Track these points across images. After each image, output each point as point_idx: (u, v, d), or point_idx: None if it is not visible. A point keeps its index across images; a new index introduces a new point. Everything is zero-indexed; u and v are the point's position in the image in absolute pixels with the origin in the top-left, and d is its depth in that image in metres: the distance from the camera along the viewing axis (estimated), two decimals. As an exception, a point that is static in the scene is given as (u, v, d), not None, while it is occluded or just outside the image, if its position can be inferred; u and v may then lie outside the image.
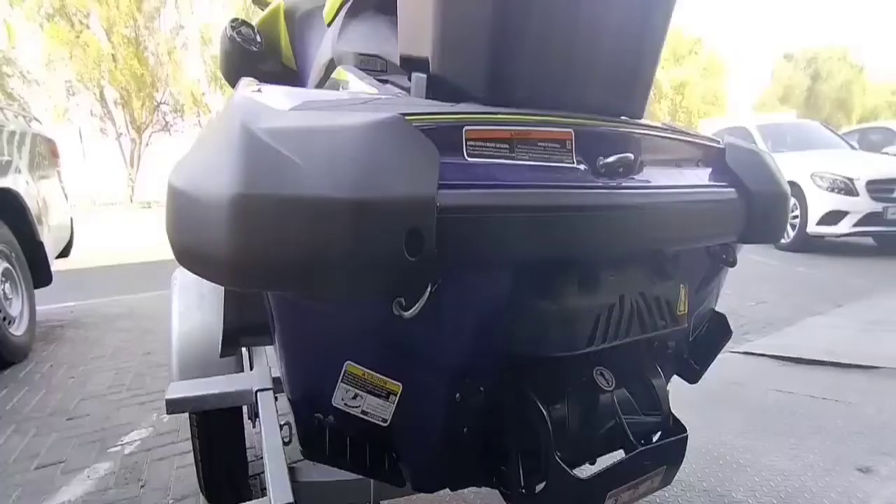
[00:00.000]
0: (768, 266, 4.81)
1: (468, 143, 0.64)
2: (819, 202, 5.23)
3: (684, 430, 0.86)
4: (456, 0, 0.72)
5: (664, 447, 0.83)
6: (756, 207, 0.91)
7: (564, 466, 0.73)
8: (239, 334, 1.05)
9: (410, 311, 0.61)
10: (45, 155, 3.48)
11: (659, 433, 0.86)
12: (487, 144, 0.66)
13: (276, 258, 0.51)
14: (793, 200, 5.49)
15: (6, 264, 2.82)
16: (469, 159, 0.64)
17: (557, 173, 0.71)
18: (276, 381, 1.22)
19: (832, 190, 5.20)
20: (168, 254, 0.58)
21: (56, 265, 3.38)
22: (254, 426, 1.41)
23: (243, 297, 0.95)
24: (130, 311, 3.75)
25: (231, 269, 0.52)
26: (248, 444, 1.52)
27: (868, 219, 5.04)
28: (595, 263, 0.76)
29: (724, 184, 0.92)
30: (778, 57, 34.97)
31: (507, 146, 0.67)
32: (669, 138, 0.89)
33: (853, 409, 1.82)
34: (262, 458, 0.98)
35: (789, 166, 5.13)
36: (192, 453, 1.42)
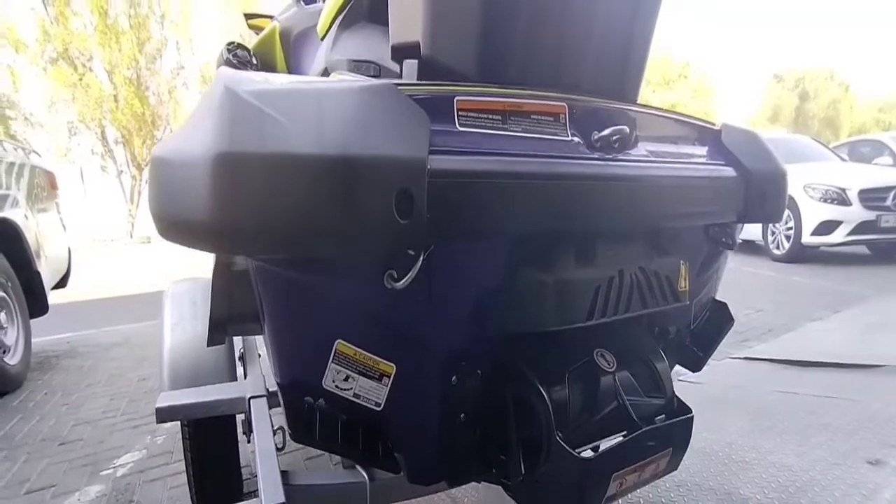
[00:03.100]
0: (764, 276, 4.80)
1: (459, 113, 0.64)
2: (812, 213, 5.25)
3: (690, 411, 0.84)
4: None
5: (669, 427, 0.81)
6: (754, 186, 0.90)
7: (566, 446, 0.71)
8: (226, 322, 1.03)
9: (402, 281, 0.60)
10: (44, 186, 3.51)
11: (663, 416, 0.84)
12: (479, 115, 0.66)
13: (261, 218, 0.50)
14: (787, 212, 5.54)
15: (2, 293, 2.81)
16: (461, 129, 0.64)
17: (551, 146, 0.70)
18: (272, 395, 1.19)
19: (825, 200, 5.23)
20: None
21: (53, 298, 3.35)
22: (248, 441, 1.39)
23: (230, 283, 0.94)
24: (126, 339, 3.71)
25: (215, 231, 0.51)
26: (242, 463, 1.48)
27: (862, 227, 5.06)
28: (592, 235, 0.75)
29: (721, 163, 0.91)
30: (767, 78, 35.70)
31: (500, 117, 0.67)
32: (665, 118, 0.89)
33: (858, 405, 1.78)
34: (256, 476, 0.95)
35: (781, 178, 5.16)
36: (185, 473, 1.38)
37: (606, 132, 0.72)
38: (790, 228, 5.45)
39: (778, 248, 5.62)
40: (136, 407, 2.39)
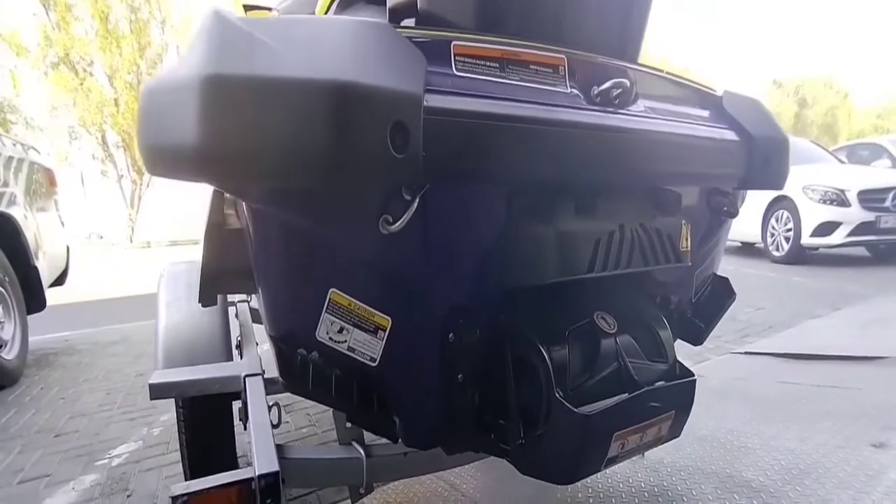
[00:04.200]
0: (764, 277, 4.79)
1: (457, 57, 0.64)
2: (812, 214, 5.25)
3: (692, 374, 0.83)
4: None
5: (671, 389, 0.80)
6: (757, 151, 0.90)
7: (566, 403, 0.69)
8: (218, 277, 1.01)
9: (397, 223, 0.59)
10: (43, 183, 3.50)
11: (664, 381, 0.82)
12: (477, 61, 0.65)
13: (252, 141, 0.49)
14: (786, 213, 5.55)
15: (-1, 288, 2.80)
16: (457, 73, 0.63)
17: (549, 96, 0.69)
18: (269, 381, 1.17)
19: (824, 202, 5.23)
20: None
21: (53, 299, 3.33)
22: (245, 428, 1.38)
23: (222, 241, 0.92)
24: (125, 337, 3.69)
25: (204, 157, 0.49)
26: (239, 454, 1.46)
27: (861, 228, 5.06)
28: (591, 187, 0.74)
29: (723, 126, 0.90)
30: (767, 84, 35.73)
31: (498, 65, 0.66)
32: (667, 79, 0.89)
33: (861, 393, 1.77)
34: (250, 450, 0.93)
35: (780, 179, 5.15)
36: (181, 464, 1.37)
37: (607, 85, 0.72)
38: (789, 230, 5.45)
39: (777, 249, 5.62)
40: (133, 400, 2.37)
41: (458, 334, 0.74)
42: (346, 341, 0.68)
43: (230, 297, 1.70)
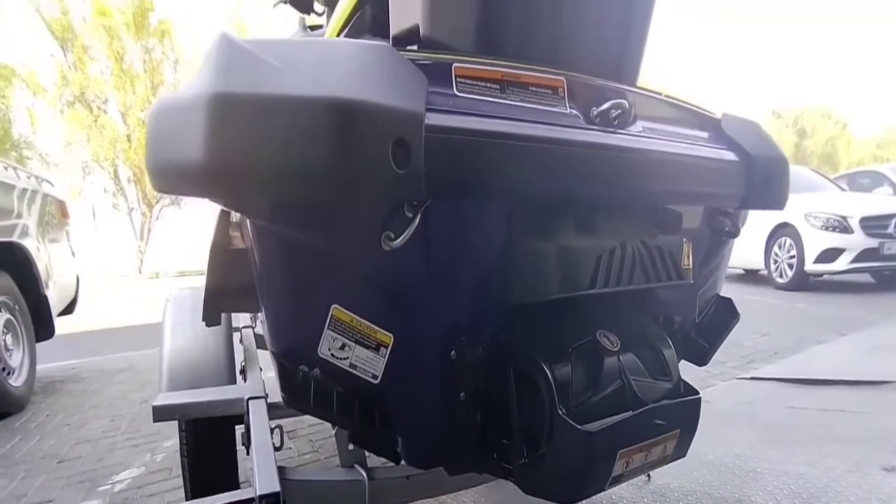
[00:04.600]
0: (768, 304, 4.76)
1: (458, 79, 0.66)
2: (814, 241, 5.24)
3: (697, 393, 0.83)
4: None
5: (676, 406, 0.79)
6: (757, 172, 0.90)
7: (570, 420, 0.69)
8: (222, 296, 1.02)
9: (399, 239, 0.60)
10: (55, 214, 3.58)
11: (669, 399, 0.81)
12: (478, 83, 0.67)
13: (256, 157, 0.50)
14: (788, 240, 5.55)
15: (8, 316, 2.83)
16: (459, 94, 0.65)
17: (549, 116, 0.70)
18: (272, 406, 1.18)
19: (826, 228, 5.23)
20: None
21: (61, 328, 3.36)
22: (248, 453, 1.38)
23: (227, 256, 0.93)
24: (131, 366, 3.69)
25: (210, 173, 0.50)
26: (242, 479, 1.46)
27: (865, 255, 5.04)
28: (591, 204, 0.75)
29: (722, 146, 0.91)
30: (767, 115, 36.01)
31: (498, 86, 0.68)
32: (665, 102, 0.90)
33: (869, 418, 1.75)
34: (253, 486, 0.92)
35: (781, 206, 5.14)
36: (182, 489, 1.36)
37: (606, 106, 0.73)
38: (793, 257, 5.43)
39: (781, 276, 5.60)
40: (138, 427, 2.36)
41: (459, 352, 0.74)
42: (347, 358, 0.69)
43: (234, 323, 1.72)
